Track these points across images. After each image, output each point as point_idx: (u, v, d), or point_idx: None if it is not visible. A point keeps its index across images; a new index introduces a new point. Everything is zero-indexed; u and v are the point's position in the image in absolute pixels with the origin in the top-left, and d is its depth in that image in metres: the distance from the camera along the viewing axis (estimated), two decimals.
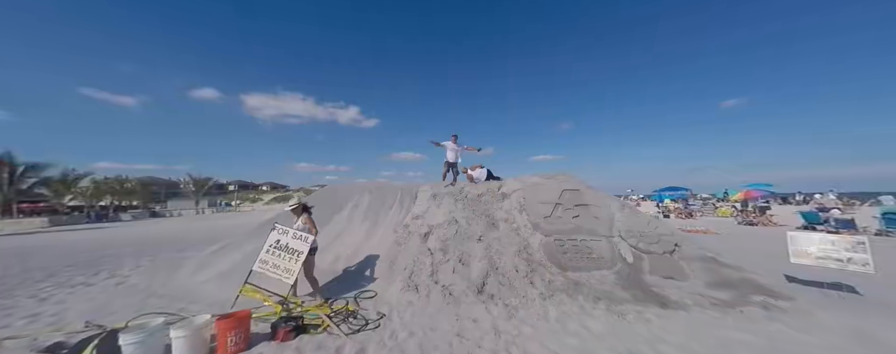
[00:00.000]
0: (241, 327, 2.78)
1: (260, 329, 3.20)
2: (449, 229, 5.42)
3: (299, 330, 3.05)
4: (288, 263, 3.87)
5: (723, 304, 3.72)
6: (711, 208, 18.85)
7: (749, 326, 3.18)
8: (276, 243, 3.97)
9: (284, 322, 3.01)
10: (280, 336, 2.91)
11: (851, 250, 4.08)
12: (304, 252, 3.89)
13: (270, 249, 3.97)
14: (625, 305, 3.68)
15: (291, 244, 3.97)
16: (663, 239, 5.23)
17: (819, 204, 18.79)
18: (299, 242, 3.95)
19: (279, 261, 3.90)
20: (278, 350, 2.81)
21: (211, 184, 43.55)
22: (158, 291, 4.69)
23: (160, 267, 6.25)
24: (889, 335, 3.00)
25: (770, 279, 4.54)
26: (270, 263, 3.91)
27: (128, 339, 2.55)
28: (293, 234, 4.01)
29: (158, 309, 3.81)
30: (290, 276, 3.80)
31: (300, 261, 3.85)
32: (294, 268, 3.83)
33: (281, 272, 3.86)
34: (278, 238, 4.00)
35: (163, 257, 7.42)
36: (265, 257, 3.94)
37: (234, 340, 2.70)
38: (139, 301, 4.27)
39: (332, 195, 7.62)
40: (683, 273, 4.58)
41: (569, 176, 7.08)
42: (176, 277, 5.38)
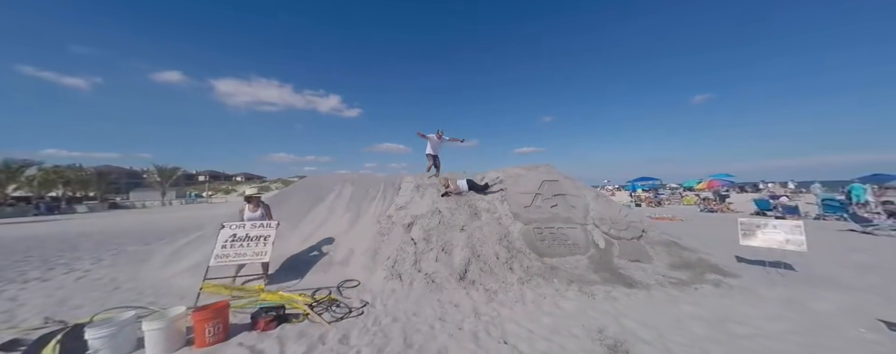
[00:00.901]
0: (219, 318, 2.73)
1: (239, 319, 3.16)
2: (432, 219, 5.49)
3: (281, 320, 3.05)
4: (256, 248, 4.02)
5: (681, 283, 4.09)
6: (678, 197, 20.19)
7: (701, 301, 3.54)
8: (232, 237, 3.98)
9: (265, 312, 2.99)
10: (260, 326, 2.90)
11: (790, 232, 4.58)
12: (271, 235, 4.11)
13: (227, 244, 3.96)
14: (595, 286, 3.96)
15: (253, 233, 4.07)
16: (632, 226, 5.61)
17: (771, 192, 20.63)
18: (262, 229, 4.12)
19: (245, 249, 3.99)
20: (259, 339, 2.80)
21: (179, 174, 40.86)
22: (124, 285, 4.46)
23: (125, 261, 5.91)
24: (813, 302, 3.46)
25: (722, 259, 5.03)
26: (233, 253, 3.95)
27: (95, 333, 2.45)
28: (252, 226, 4.10)
29: (127, 303, 3.65)
30: (264, 256, 4.01)
31: (270, 242, 4.08)
32: (265, 250, 4.04)
33: (251, 255, 4.00)
34: (234, 233, 4.01)
35: (127, 250, 7.00)
36: (223, 251, 3.91)
37: (213, 331, 2.66)
38: (104, 295, 4.05)
39: (312, 186, 7.44)
40: (648, 256, 4.97)
41: (548, 167, 7.33)
42: (143, 270, 5.13)
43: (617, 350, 2.56)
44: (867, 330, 2.83)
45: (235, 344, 2.71)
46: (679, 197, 19.73)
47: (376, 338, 2.82)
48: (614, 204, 6.47)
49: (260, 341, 2.77)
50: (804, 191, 21.55)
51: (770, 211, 11.66)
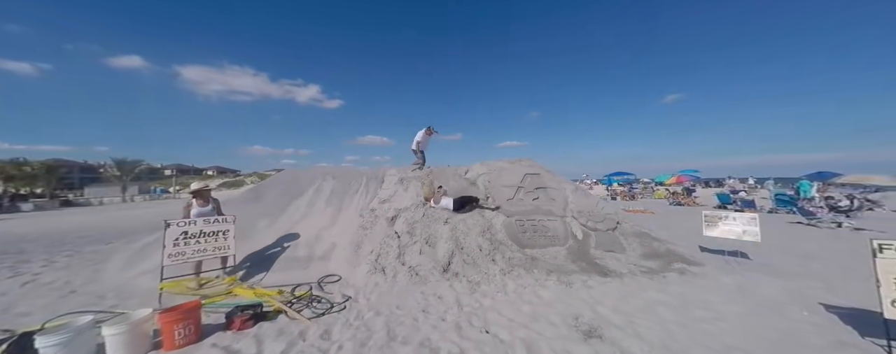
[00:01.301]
0: (190, 319, 2.60)
1: (214, 319, 3.02)
2: (416, 212, 5.47)
3: (258, 318, 2.95)
4: (216, 243, 3.95)
5: (650, 271, 4.35)
6: (650, 191, 21.36)
7: (668, 288, 3.79)
8: (184, 235, 3.81)
9: (241, 311, 2.88)
10: (236, 325, 2.79)
11: (747, 224, 4.98)
12: (230, 229, 4.05)
13: (179, 242, 3.78)
14: (573, 275, 4.13)
15: (208, 229, 3.95)
16: (608, 218, 5.87)
17: (731, 187, 22.30)
18: (218, 224, 4.02)
19: (203, 245, 3.89)
20: (234, 339, 2.70)
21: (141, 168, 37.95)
22: (81, 289, 4.13)
23: (81, 262, 5.46)
24: (761, 288, 3.81)
25: (688, 249, 5.40)
26: (190, 251, 3.81)
27: (47, 341, 2.25)
28: (204, 222, 3.95)
29: (84, 308, 3.38)
30: (227, 250, 3.99)
31: (231, 236, 4.05)
32: (227, 244, 4.00)
33: (212, 251, 3.93)
34: (184, 230, 3.82)
35: (84, 251, 6.46)
36: (177, 249, 3.74)
37: (183, 333, 2.53)
38: (56, 300, 3.74)
39: (291, 180, 7.18)
40: (622, 246, 5.23)
41: (531, 161, 7.48)
42: (103, 272, 4.77)
43: (591, 335, 2.70)
44: (809, 313, 3.15)
45: (208, 345, 2.60)
46: (651, 192, 20.89)
47: (359, 332, 2.81)
48: (592, 198, 6.74)
49: (235, 340, 2.67)
50: (761, 187, 23.47)
51: (730, 204, 12.61)
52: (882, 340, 2.50)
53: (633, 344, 2.56)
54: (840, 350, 2.49)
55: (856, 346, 2.55)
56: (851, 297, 3.47)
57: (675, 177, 21.02)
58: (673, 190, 18.73)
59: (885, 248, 2.57)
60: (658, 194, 19.47)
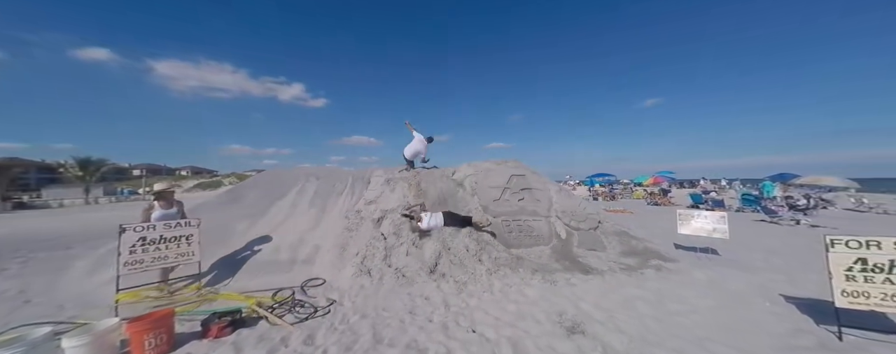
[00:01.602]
0: (162, 327, 2.46)
1: (188, 327, 2.88)
2: None
3: (237, 324, 2.83)
4: (179, 249, 3.72)
5: (629, 268, 4.53)
6: (629, 191, 22.22)
7: (645, 284, 3.96)
8: (141, 241, 3.53)
9: (218, 318, 2.76)
10: (213, 333, 2.67)
11: (716, 222, 5.29)
12: (195, 234, 3.81)
13: (137, 249, 3.50)
14: (556, 274, 4.24)
15: (169, 234, 3.69)
16: (590, 218, 6.06)
17: (703, 187, 23.56)
18: (181, 229, 3.77)
19: (164, 252, 3.64)
20: (211, 347, 2.58)
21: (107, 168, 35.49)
22: (37, 298, 3.81)
23: (37, 270, 5.04)
24: (730, 282, 4.06)
25: (663, 247, 5.66)
26: (150, 258, 3.55)
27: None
28: (165, 226, 3.68)
29: (41, 319, 3.13)
30: (192, 256, 3.77)
31: (195, 242, 3.81)
32: (191, 250, 3.76)
33: (174, 258, 3.69)
34: (142, 236, 3.54)
35: (40, 257, 5.97)
36: (134, 257, 3.46)
37: (154, 343, 2.39)
38: (9, 311, 3.43)
39: (272, 180, 6.95)
40: (603, 245, 5.42)
41: (517, 162, 7.61)
42: (62, 280, 4.43)
43: (574, 331, 2.78)
44: (771, 304, 3.39)
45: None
46: (630, 192, 21.73)
47: (344, 336, 2.75)
48: (575, 198, 6.94)
49: (212, 349, 2.55)
50: (729, 187, 24.97)
51: (703, 204, 13.33)
52: (834, 326, 2.73)
53: (613, 338, 2.66)
54: (797, 337, 2.69)
55: (811, 333, 2.76)
56: (808, 288, 3.76)
57: (653, 179, 21.99)
58: (650, 191, 19.58)
59: (837, 243, 2.80)
60: (637, 194, 20.28)
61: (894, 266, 2.58)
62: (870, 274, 2.65)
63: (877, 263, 2.63)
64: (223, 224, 5.34)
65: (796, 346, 2.55)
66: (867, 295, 2.64)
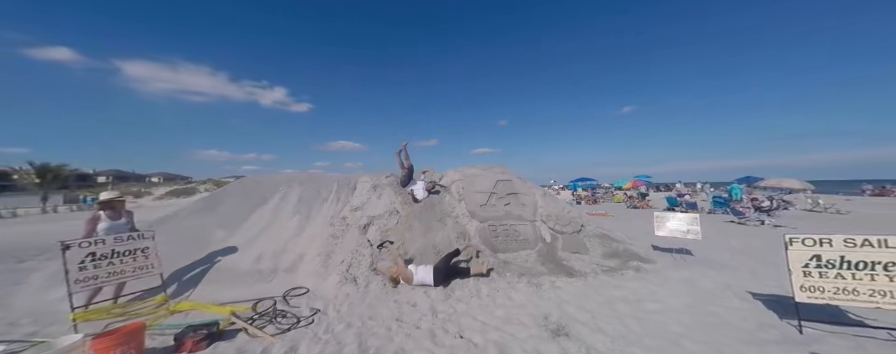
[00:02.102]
0: (131, 343, 2.32)
1: (160, 342, 2.71)
2: (390, 220, 5.39)
3: (213, 337, 2.70)
4: (136, 262, 3.47)
5: (611, 270, 4.69)
6: (610, 195, 23.01)
7: (625, 284, 4.11)
8: (91, 257, 3.21)
9: (192, 331, 2.62)
10: (187, 347, 2.53)
11: (690, 224, 5.58)
12: (150, 247, 3.57)
13: (87, 265, 3.17)
14: (541, 277, 4.32)
15: (121, 248, 3.39)
16: (573, 221, 6.23)
17: (678, 191, 24.75)
18: (134, 242, 3.49)
19: (120, 266, 3.35)
20: None
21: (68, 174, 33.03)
22: None
23: None
24: (703, 281, 4.28)
25: (642, 248, 5.89)
26: (104, 274, 3.25)
27: None
28: (115, 240, 3.37)
29: None
30: (153, 269, 3.55)
31: (154, 253, 3.58)
32: (149, 262, 3.53)
33: (132, 272, 3.43)
34: (91, 251, 3.21)
35: None
36: (85, 274, 3.14)
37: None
38: None
39: (252, 187, 6.71)
40: (586, 247, 5.58)
41: (502, 167, 7.74)
42: (16, 295, 4.07)
43: (559, 333, 2.85)
44: (739, 300, 3.60)
45: None
46: (611, 196, 22.50)
47: (328, 346, 2.68)
48: (559, 202, 7.12)
49: None
50: (702, 190, 26.39)
51: (677, 206, 14.00)
52: (795, 320, 2.94)
53: (596, 339, 2.74)
54: (763, 332, 2.87)
55: (775, 327, 2.96)
56: (772, 285, 4.02)
57: (632, 182, 22.91)
58: (630, 195, 20.36)
59: (794, 241, 3.04)
60: (617, 198, 21.02)
61: (844, 261, 2.82)
62: (824, 269, 2.88)
63: (829, 259, 2.87)
64: (199, 232, 5.10)
65: (762, 340, 2.72)
66: (822, 289, 2.86)
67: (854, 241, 2.81)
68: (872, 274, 2.71)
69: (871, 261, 2.73)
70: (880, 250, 2.71)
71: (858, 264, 2.76)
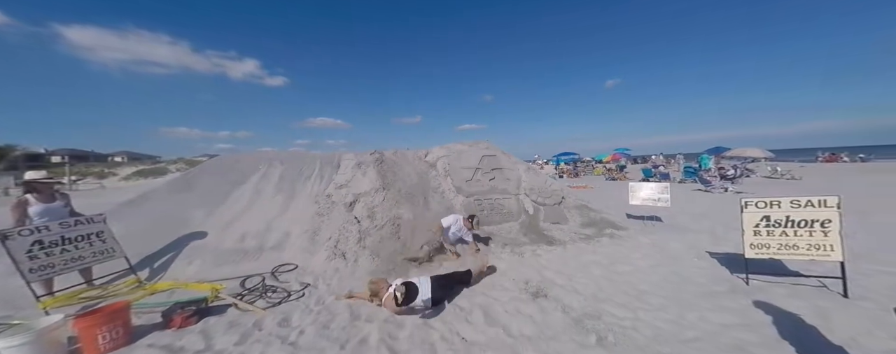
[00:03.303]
0: (116, 321, 2.31)
1: (147, 319, 2.72)
2: (376, 196, 5.38)
3: (202, 313, 2.73)
4: (94, 247, 3.33)
5: (587, 238, 5.01)
6: (591, 168, 23.85)
7: (600, 250, 4.43)
8: (38, 245, 3.00)
9: (181, 308, 2.63)
10: (176, 323, 2.56)
11: (661, 193, 5.95)
12: (104, 230, 3.45)
13: (36, 253, 2.98)
14: (524, 247, 4.56)
15: (71, 234, 3.19)
16: (554, 194, 6.47)
17: (653, 162, 25.98)
18: (84, 227, 3.31)
19: (78, 252, 3.20)
20: (176, 336, 2.48)
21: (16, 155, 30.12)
22: None
23: None
24: (669, 243, 4.67)
25: (617, 217, 6.28)
26: (61, 261, 3.08)
27: None
28: (61, 226, 3.14)
29: None
30: (113, 253, 3.47)
31: (110, 236, 3.50)
32: (107, 247, 3.42)
33: (92, 258, 3.29)
34: (38, 238, 3.01)
35: None
36: (39, 263, 2.98)
37: (110, 336, 2.24)
38: None
39: (229, 166, 6.42)
40: (566, 218, 5.87)
41: (488, 143, 7.74)
42: None
43: (538, 295, 3.08)
44: (699, 259, 3.99)
45: (144, 346, 2.36)
46: (592, 169, 23.34)
47: (321, 316, 2.79)
48: (542, 176, 7.32)
49: (177, 338, 2.46)
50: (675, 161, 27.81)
51: (652, 177, 14.78)
52: (743, 274, 3.31)
53: (572, 299, 2.99)
54: (717, 285, 3.23)
55: (728, 281, 3.33)
56: (728, 245, 4.46)
57: (611, 156, 23.72)
58: (609, 167, 21.18)
59: (749, 204, 3.33)
60: (597, 171, 21.85)
61: (789, 220, 3.14)
62: (771, 228, 3.21)
63: (777, 219, 3.19)
64: (176, 212, 4.91)
65: (715, 292, 3.08)
66: (768, 246, 3.21)
67: (799, 202, 3.11)
68: (810, 230, 3.05)
69: (811, 220, 3.05)
70: (819, 209, 3.03)
71: (800, 222, 3.09)
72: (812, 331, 2.34)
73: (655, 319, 2.59)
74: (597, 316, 2.65)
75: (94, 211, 3.70)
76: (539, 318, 2.66)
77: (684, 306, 2.79)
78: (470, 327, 2.58)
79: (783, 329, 2.38)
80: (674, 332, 2.41)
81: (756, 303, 2.77)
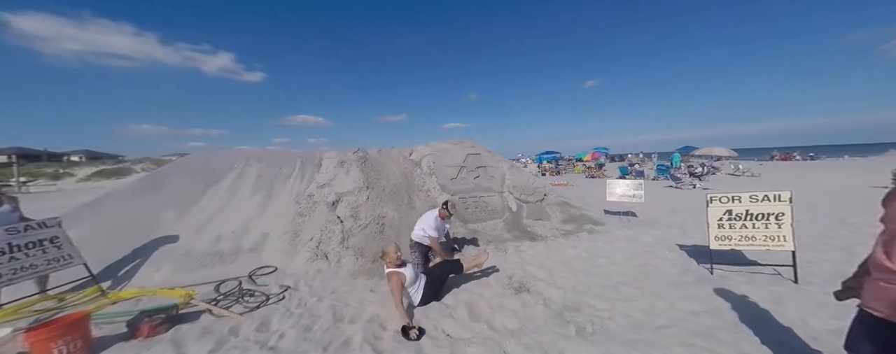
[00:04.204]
0: (75, 333, 2.14)
1: (109, 330, 2.54)
2: (360, 195, 5.29)
3: (173, 321, 2.59)
4: (50, 254, 3.11)
5: (568, 233, 5.17)
6: (571, 167, 24.62)
7: (579, 245, 4.60)
8: None
9: (148, 316, 2.48)
10: (144, 332, 2.41)
11: (635, 189, 6.24)
12: (59, 235, 3.23)
13: None
14: (507, 243, 4.65)
15: (21, 240, 2.98)
16: (537, 191, 6.63)
17: (629, 161, 27.19)
18: (37, 232, 3.10)
19: (31, 260, 2.99)
20: (143, 346, 2.34)
21: None
22: None
23: None
24: (643, 237, 4.92)
25: (595, 213, 6.53)
26: (8, 270, 2.85)
27: None
28: (6, 232, 2.92)
29: None
30: (71, 260, 3.22)
31: (68, 242, 3.26)
32: (64, 253, 3.20)
33: (45, 265, 3.06)
34: None
35: None
36: None
37: (66, 350, 2.08)
38: None
39: (202, 165, 6.09)
40: (547, 214, 6.04)
41: (473, 142, 7.81)
42: None
43: (521, 290, 3.16)
44: (669, 251, 4.23)
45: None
46: (572, 167, 24.09)
47: (302, 319, 2.72)
48: (525, 174, 7.48)
49: (145, 348, 2.32)
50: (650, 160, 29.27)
51: (628, 175, 15.46)
52: (708, 264, 3.55)
53: (552, 293, 3.09)
54: (685, 275, 3.45)
55: (694, 271, 3.56)
56: (697, 238, 4.75)
57: (591, 154, 24.58)
58: (588, 166, 21.95)
59: (713, 200, 3.57)
60: (577, 169, 22.57)
61: (748, 214, 3.40)
62: (733, 221, 3.46)
63: (738, 213, 3.44)
64: (142, 215, 4.61)
65: (682, 282, 3.28)
66: (730, 238, 3.46)
67: (757, 197, 3.38)
68: (766, 223, 3.32)
69: (767, 213, 3.32)
70: (774, 203, 3.31)
71: (758, 215, 3.36)
72: (766, 315, 2.56)
73: (630, 309, 2.73)
74: (576, 308, 2.76)
75: (48, 215, 3.40)
76: (522, 312, 2.73)
77: (656, 295, 2.95)
78: (455, 323, 2.60)
79: (743, 313, 2.58)
80: (646, 321, 2.55)
81: (719, 291, 2.99)
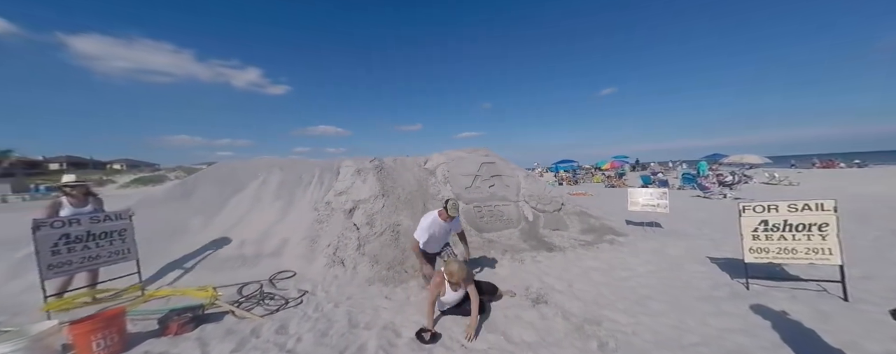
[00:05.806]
0: (112, 328, 2.28)
1: (142, 326, 2.69)
2: (375, 203, 5.38)
3: (199, 320, 2.70)
4: (112, 246, 3.32)
5: (587, 244, 4.99)
6: (590, 176, 23.93)
7: (600, 256, 4.41)
8: (64, 239, 3.03)
9: (177, 315, 2.60)
10: (173, 330, 2.53)
11: (660, 199, 5.97)
12: (127, 228, 3.48)
13: (60, 248, 2.98)
14: (524, 253, 4.54)
15: (97, 229, 3.23)
16: (554, 201, 6.48)
17: (652, 169, 26.09)
18: (110, 223, 3.36)
19: (95, 251, 3.19)
20: (172, 343, 2.45)
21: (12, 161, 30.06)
22: None
23: None
24: (669, 249, 4.66)
25: (616, 223, 6.28)
26: (78, 259, 3.07)
27: None
28: (90, 220, 3.19)
29: None
30: (128, 254, 3.45)
31: (130, 237, 3.50)
32: (125, 247, 3.41)
33: (107, 257, 3.29)
34: (64, 232, 3.03)
35: None
36: (58, 259, 2.97)
37: (104, 343, 2.21)
38: None
39: (228, 173, 6.45)
40: (565, 224, 5.87)
41: (487, 150, 7.81)
42: None
43: (538, 301, 3.06)
44: (698, 264, 3.97)
45: (140, 353, 2.33)
46: (591, 176, 23.41)
47: (319, 323, 2.76)
48: (541, 183, 7.35)
49: (173, 345, 2.43)
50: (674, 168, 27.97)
51: (651, 184, 14.81)
52: (743, 279, 3.30)
53: (572, 305, 2.97)
54: (717, 290, 3.22)
55: (728, 286, 3.31)
56: (729, 251, 4.45)
57: (610, 163, 23.84)
58: (608, 175, 21.26)
59: (747, 209, 3.35)
60: (596, 179, 21.91)
61: (787, 224, 3.15)
62: (770, 232, 3.21)
63: (775, 223, 3.20)
64: (174, 219, 4.91)
65: (715, 297, 3.06)
66: (767, 250, 3.21)
67: (796, 206, 3.13)
68: (809, 234, 3.06)
69: (809, 223, 3.07)
70: (816, 213, 3.05)
71: (798, 226, 3.10)
72: (812, 335, 2.33)
73: (656, 324, 2.57)
74: (597, 322, 2.63)
75: None
76: (540, 324, 2.64)
77: (685, 311, 2.77)
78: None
79: (783, 333, 2.36)
80: (675, 337, 2.39)
81: (756, 308, 2.76)
